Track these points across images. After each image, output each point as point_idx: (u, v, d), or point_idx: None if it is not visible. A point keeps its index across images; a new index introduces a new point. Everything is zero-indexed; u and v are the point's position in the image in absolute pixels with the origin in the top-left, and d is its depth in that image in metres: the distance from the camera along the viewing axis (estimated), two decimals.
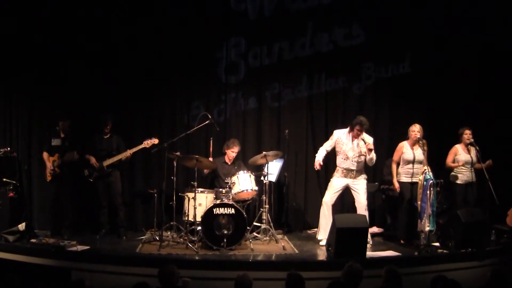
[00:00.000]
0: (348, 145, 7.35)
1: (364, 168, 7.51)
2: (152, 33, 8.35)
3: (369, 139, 7.32)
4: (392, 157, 7.62)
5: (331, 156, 7.77)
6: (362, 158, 7.32)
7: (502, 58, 8.63)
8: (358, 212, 7.28)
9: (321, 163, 7.48)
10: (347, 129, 7.43)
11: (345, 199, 8.04)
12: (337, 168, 7.47)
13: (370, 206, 8.41)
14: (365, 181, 7.45)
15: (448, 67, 8.72)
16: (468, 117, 8.34)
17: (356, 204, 7.40)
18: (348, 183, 7.39)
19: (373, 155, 7.28)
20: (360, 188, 7.38)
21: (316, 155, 7.59)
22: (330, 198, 7.41)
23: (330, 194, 7.44)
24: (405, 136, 7.60)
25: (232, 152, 7.97)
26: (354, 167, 7.35)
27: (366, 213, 7.26)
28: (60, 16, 8.20)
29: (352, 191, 7.43)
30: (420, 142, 7.32)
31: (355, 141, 7.35)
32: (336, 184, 7.43)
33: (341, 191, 7.48)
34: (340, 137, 7.42)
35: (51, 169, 7.71)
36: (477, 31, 8.63)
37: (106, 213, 7.94)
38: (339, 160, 7.43)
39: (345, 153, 7.34)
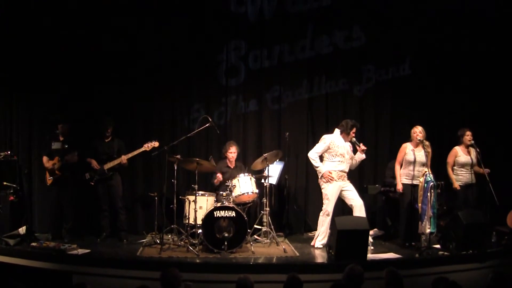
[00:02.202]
0: (345, 148, 7.36)
1: None
2: (152, 36, 8.36)
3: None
4: (396, 158, 7.55)
5: None
6: (351, 160, 7.40)
7: (502, 59, 8.64)
8: (355, 213, 7.25)
9: (330, 171, 7.33)
10: (337, 133, 7.42)
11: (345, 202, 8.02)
12: (330, 172, 7.30)
13: (371, 208, 8.44)
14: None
15: (448, 68, 8.73)
16: (468, 118, 8.34)
17: (353, 203, 7.29)
18: (341, 186, 7.33)
19: (362, 157, 7.39)
20: (352, 188, 7.38)
21: (319, 166, 7.31)
22: (333, 205, 7.32)
23: (332, 201, 7.31)
24: (406, 138, 7.59)
25: (230, 154, 7.98)
26: (347, 169, 7.39)
27: (363, 211, 7.23)
28: (60, 18, 8.22)
29: (346, 192, 7.34)
30: (423, 144, 7.30)
31: (347, 143, 7.39)
32: (336, 190, 7.31)
33: (338, 194, 7.39)
34: (334, 141, 7.35)
35: (51, 167, 7.70)
36: (477, 33, 8.64)
37: (107, 216, 7.93)
38: (334, 164, 7.32)
39: (343, 156, 7.32)
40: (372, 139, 8.69)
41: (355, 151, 7.49)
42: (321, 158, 7.44)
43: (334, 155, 7.34)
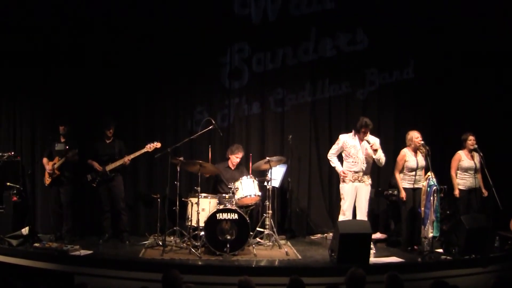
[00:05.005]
0: (357, 148, 7.28)
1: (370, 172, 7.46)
2: (155, 38, 8.38)
3: (375, 140, 7.25)
4: (396, 166, 7.50)
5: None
6: (370, 160, 7.28)
7: (505, 62, 8.63)
8: (357, 215, 7.23)
9: (345, 171, 7.34)
10: (352, 133, 7.39)
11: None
12: (344, 172, 7.34)
13: (374, 211, 8.43)
14: (369, 187, 7.38)
15: (451, 72, 8.71)
16: (471, 122, 8.32)
17: (358, 209, 7.28)
18: (357, 187, 7.28)
19: (379, 155, 7.20)
20: (364, 193, 7.29)
21: (335, 166, 7.45)
22: (349, 205, 7.25)
23: (348, 201, 7.24)
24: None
25: (236, 158, 7.98)
26: (364, 169, 7.28)
27: (364, 215, 7.20)
28: (61, 19, 8.26)
29: (357, 196, 7.29)
30: (423, 148, 7.28)
31: (363, 143, 7.28)
32: (350, 190, 7.27)
33: (355, 195, 7.31)
34: (347, 141, 7.33)
35: (50, 169, 7.71)
36: (481, 35, 8.63)
37: (109, 217, 7.95)
38: (349, 165, 7.31)
39: (356, 156, 7.26)
40: (376, 138, 8.68)
41: None
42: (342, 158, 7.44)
43: (347, 155, 7.34)
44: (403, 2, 8.66)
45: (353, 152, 7.29)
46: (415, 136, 7.40)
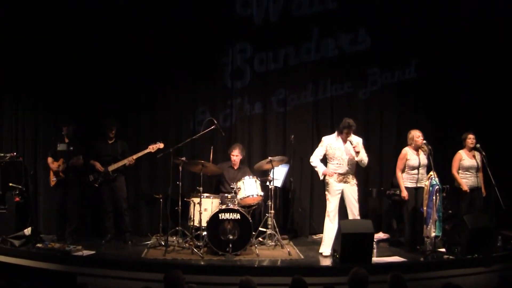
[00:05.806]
0: (341, 149, 7.16)
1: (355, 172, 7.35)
2: (156, 38, 8.38)
3: (358, 140, 7.13)
4: (397, 166, 7.47)
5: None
6: (355, 161, 7.16)
7: (505, 62, 8.63)
8: (349, 218, 7.11)
9: (330, 172, 7.20)
10: (335, 134, 7.28)
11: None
12: (329, 173, 7.19)
13: (376, 211, 8.42)
14: (356, 187, 7.22)
15: (451, 72, 8.71)
16: (471, 122, 8.31)
17: (348, 210, 7.14)
18: (343, 188, 7.16)
19: (362, 156, 7.09)
20: (352, 193, 7.14)
21: (317, 166, 7.26)
22: (334, 206, 7.13)
23: (333, 203, 7.13)
24: None
25: (233, 156, 7.98)
26: (349, 171, 7.17)
27: (356, 216, 7.10)
28: (61, 19, 8.28)
29: (345, 197, 7.16)
30: (425, 146, 7.27)
31: (346, 144, 7.14)
32: (334, 190, 7.14)
33: (340, 197, 7.19)
34: (331, 143, 7.20)
35: (56, 169, 7.72)
36: (482, 36, 8.62)
37: (111, 218, 7.95)
38: (334, 166, 7.16)
39: (340, 157, 7.14)
40: (377, 143, 8.68)
41: None
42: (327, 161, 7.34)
43: (332, 157, 7.19)
44: (404, 2, 8.67)
45: (338, 154, 7.14)
46: (416, 135, 7.39)
